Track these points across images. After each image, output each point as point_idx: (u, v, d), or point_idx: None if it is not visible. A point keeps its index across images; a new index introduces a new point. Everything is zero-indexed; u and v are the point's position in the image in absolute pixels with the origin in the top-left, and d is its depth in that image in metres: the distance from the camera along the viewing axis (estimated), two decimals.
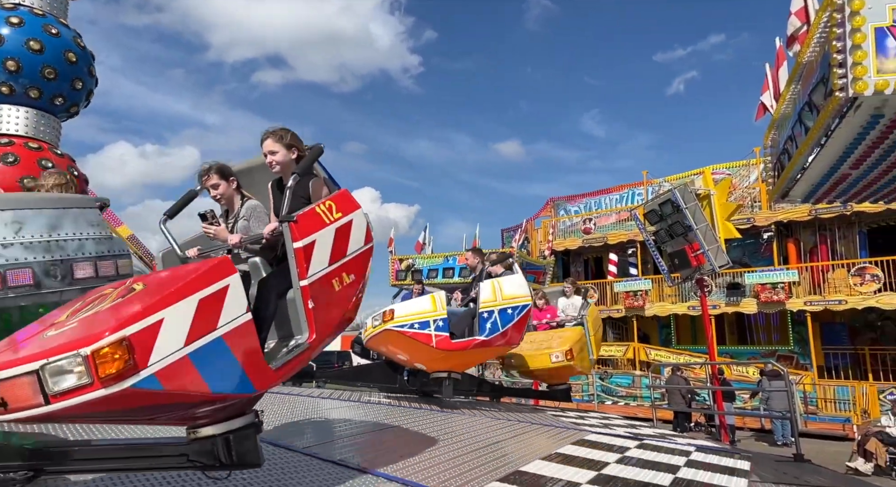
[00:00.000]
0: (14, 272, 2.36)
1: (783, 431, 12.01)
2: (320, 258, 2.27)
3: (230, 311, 1.87)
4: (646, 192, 20.32)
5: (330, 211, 2.38)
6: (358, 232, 2.45)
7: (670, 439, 4.69)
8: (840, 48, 3.87)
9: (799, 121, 5.01)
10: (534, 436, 4.22)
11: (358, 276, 2.43)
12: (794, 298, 15.95)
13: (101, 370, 1.55)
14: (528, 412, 6.05)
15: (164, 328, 1.69)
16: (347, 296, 2.38)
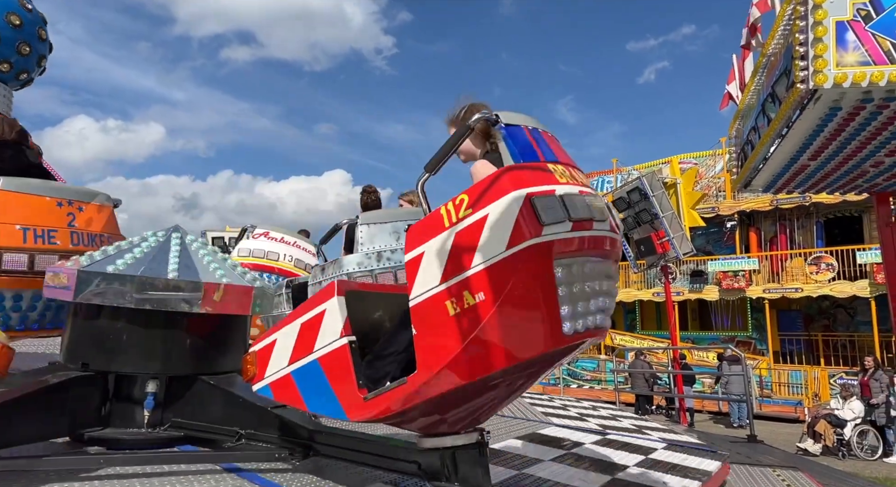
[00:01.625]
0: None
1: (739, 413, 12.46)
2: (429, 274, 1.70)
3: (326, 335, 1.92)
4: (615, 180, 20.59)
5: (458, 208, 1.69)
6: (497, 232, 1.60)
7: (636, 435, 4.64)
8: (802, 41, 3.95)
9: (762, 113, 5.12)
10: (499, 423, 4.26)
11: (491, 295, 1.59)
12: (754, 286, 16.46)
13: (245, 373, 2.13)
14: None
15: (276, 347, 2.04)
16: (471, 323, 1.62)
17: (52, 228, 2.81)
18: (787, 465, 4.42)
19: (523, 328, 1.61)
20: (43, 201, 2.82)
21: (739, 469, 3.87)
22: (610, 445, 3.78)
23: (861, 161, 5.20)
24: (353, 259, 3.72)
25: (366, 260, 3.68)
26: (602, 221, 1.73)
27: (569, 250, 1.63)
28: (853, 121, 4.36)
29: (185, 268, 2.39)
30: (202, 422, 2.38)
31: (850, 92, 3.90)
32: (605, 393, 15.64)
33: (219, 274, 2.44)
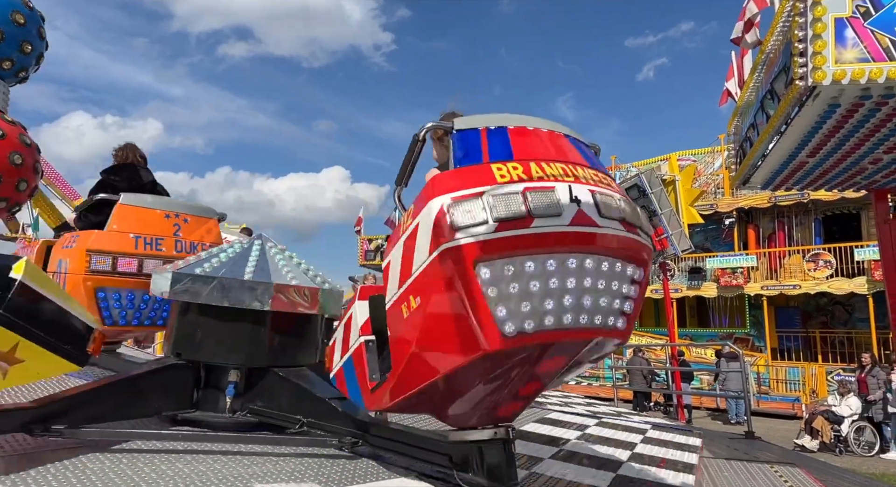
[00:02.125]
0: None
1: (737, 410, 12.50)
2: (393, 280, 1.84)
3: (354, 334, 2.24)
4: (615, 177, 20.59)
5: (406, 218, 1.82)
6: (422, 239, 1.67)
7: (627, 417, 4.81)
8: (801, 37, 3.95)
9: (761, 109, 5.12)
10: None
11: (422, 300, 1.69)
12: (753, 283, 16.49)
13: (327, 365, 2.50)
14: None
15: (336, 343, 2.41)
16: (412, 326, 1.74)
17: (160, 237, 3.37)
18: (785, 461, 4.43)
19: (454, 330, 1.63)
20: (154, 213, 3.40)
21: (737, 466, 3.89)
22: (603, 434, 3.87)
23: (860, 158, 5.21)
24: None
25: None
26: (557, 216, 1.62)
27: (498, 250, 1.57)
28: (852, 117, 4.37)
29: (260, 271, 2.67)
30: (273, 410, 2.67)
31: (848, 88, 3.91)
32: (603, 389, 15.67)
33: (290, 277, 2.69)
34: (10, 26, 5.60)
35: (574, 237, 1.64)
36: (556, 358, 1.84)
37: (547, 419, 4.28)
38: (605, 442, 3.63)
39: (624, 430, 4.10)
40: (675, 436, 4.00)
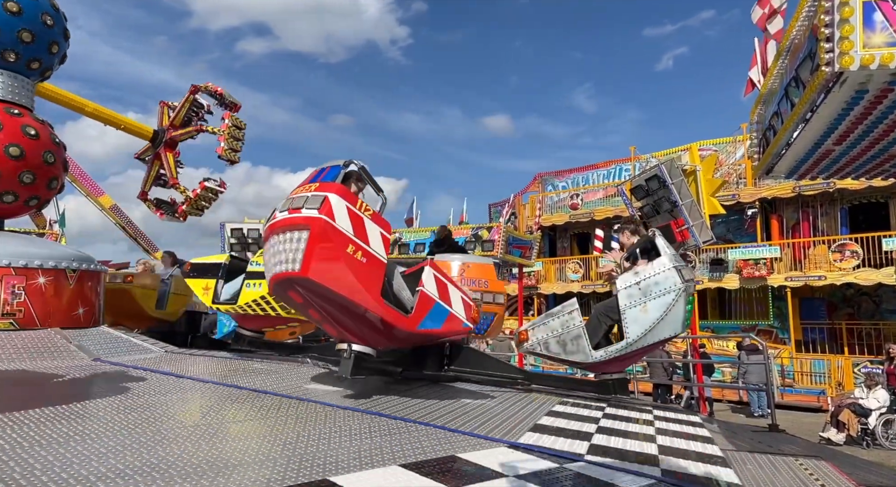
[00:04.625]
0: None
1: (759, 403, 12.34)
2: None
3: None
4: (633, 168, 20.35)
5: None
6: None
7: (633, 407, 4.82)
8: (828, 22, 3.84)
9: (785, 97, 5.01)
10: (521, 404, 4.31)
11: None
12: (776, 274, 16.21)
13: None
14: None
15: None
16: None
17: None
18: (810, 454, 4.37)
19: None
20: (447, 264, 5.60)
21: (761, 459, 3.84)
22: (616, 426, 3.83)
23: (889, 144, 5.07)
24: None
25: None
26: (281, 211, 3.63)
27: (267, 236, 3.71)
28: (881, 103, 4.25)
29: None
30: (465, 368, 4.87)
31: (877, 74, 3.80)
32: None
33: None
34: (40, 28, 5.72)
35: (269, 227, 3.66)
36: (290, 292, 3.68)
37: (553, 412, 4.27)
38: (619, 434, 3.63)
39: (632, 421, 4.10)
40: (684, 428, 3.96)
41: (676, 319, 4.61)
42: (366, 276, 3.46)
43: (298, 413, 3.26)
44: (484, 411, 3.90)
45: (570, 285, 20.14)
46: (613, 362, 4.80)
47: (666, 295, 4.50)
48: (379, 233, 3.62)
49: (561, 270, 20.93)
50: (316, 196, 3.34)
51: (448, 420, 3.38)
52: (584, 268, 20.23)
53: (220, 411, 3.29)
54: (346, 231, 3.40)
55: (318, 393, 3.95)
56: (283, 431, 2.81)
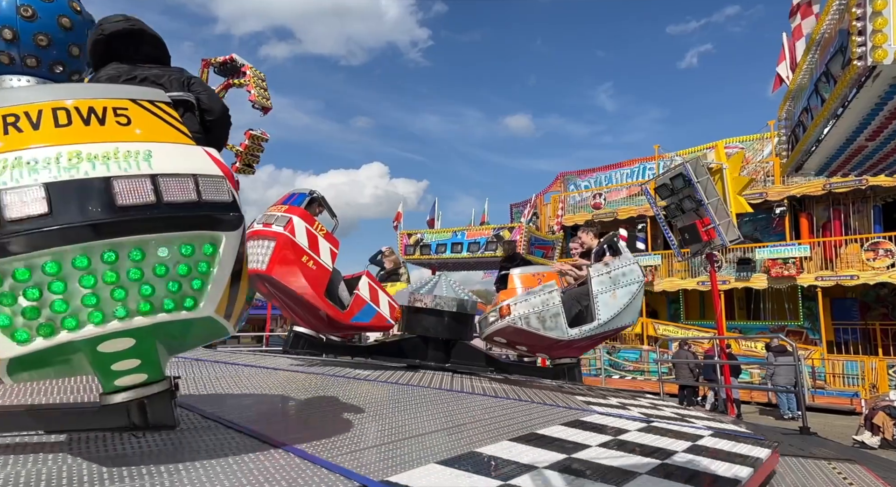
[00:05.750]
0: None
1: (789, 405, 12.08)
2: None
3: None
4: (657, 167, 20.11)
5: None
6: None
7: (681, 423, 4.60)
8: (860, 15, 3.76)
9: (815, 93, 4.91)
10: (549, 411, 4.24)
11: None
12: (806, 273, 15.84)
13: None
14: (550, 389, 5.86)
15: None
16: None
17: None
18: (844, 458, 4.26)
19: None
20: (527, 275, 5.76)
21: (792, 462, 3.76)
22: (654, 432, 3.63)
23: None
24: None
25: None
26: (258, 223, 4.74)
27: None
28: None
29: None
30: (460, 360, 5.99)
31: None
32: (648, 383, 15.40)
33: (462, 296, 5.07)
34: (56, 31, 5.84)
35: (249, 233, 4.29)
36: (259, 284, 4.62)
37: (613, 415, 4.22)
38: (643, 451, 3.25)
39: (674, 437, 3.50)
40: (736, 445, 3.54)
41: (636, 309, 5.40)
42: (314, 279, 4.67)
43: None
44: (430, 429, 2.81)
45: None
46: (573, 347, 5.44)
47: (631, 284, 5.26)
48: (329, 248, 4.80)
49: None
50: (284, 216, 4.62)
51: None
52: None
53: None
54: (302, 245, 4.62)
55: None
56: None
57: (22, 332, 1.41)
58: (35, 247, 1.37)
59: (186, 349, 1.96)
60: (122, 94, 1.65)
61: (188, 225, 1.55)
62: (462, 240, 19.30)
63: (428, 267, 19.76)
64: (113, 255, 1.44)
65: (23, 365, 1.50)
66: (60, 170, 1.42)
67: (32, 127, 1.48)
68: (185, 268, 1.56)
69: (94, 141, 1.50)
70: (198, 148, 1.69)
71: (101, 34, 2.36)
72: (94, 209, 1.42)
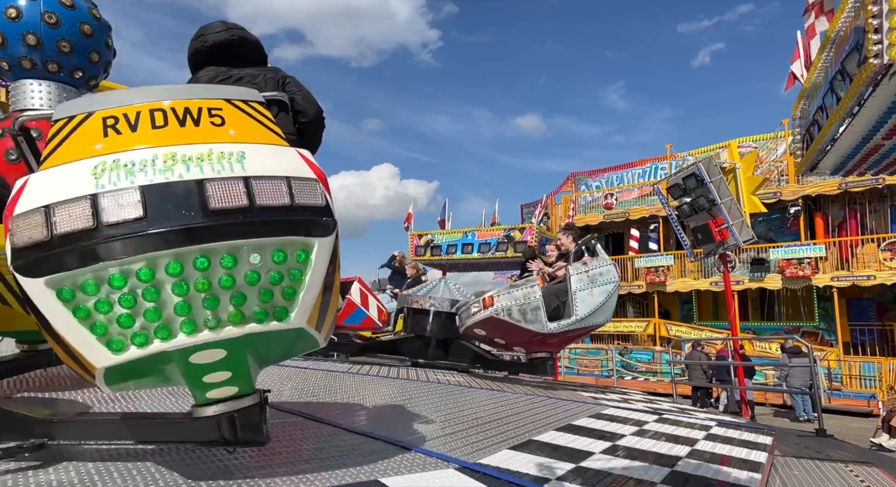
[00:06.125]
0: None
1: (804, 407, 11.94)
2: None
3: None
4: (669, 167, 19.97)
5: None
6: None
7: (690, 413, 4.71)
8: (876, 13, 3.71)
9: (830, 91, 4.85)
10: (553, 408, 4.27)
11: None
12: (821, 274, 15.65)
13: None
14: (546, 387, 6.11)
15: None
16: None
17: None
18: (861, 460, 4.21)
19: None
20: None
21: (808, 464, 3.72)
22: (668, 422, 3.77)
23: None
24: None
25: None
26: None
27: None
28: None
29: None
30: (457, 358, 6.15)
31: None
32: (660, 385, 15.30)
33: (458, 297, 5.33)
34: (78, 37, 5.94)
35: None
36: None
37: (603, 414, 4.22)
38: (664, 438, 3.56)
39: (686, 427, 4.02)
40: (743, 434, 3.90)
41: (610, 308, 5.57)
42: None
43: None
44: (471, 423, 3.22)
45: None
46: (549, 343, 5.66)
47: (607, 284, 5.48)
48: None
49: None
50: None
51: (406, 431, 2.82)
52: (619, 269, 19.94)
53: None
54: None
55: None
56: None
57: (117, 341, 1.39)
58: (130, 253, 1.34)
59: (275, 362, 1.89)
60: (216, 95, 1.60)
61: (281, 230, 1.48)
62: (473, 241, 19.29)
63: (438, 268, 19.77)
64: (205, 262, 1.40)
65: (120, 375, 1.47)
66: (156, 173, 1.39)
67: (130, 128, 1.46)
68: (277, 276, 1.49)
69: (189, 142, 1.46)
70: (291, 149, 1.63)
71: (203, 44, 2.37)
72: (188, 213, 1.37)
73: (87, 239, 1.32)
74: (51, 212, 1.34)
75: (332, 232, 1.60)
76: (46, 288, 1.35)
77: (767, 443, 3.69)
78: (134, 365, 1.41)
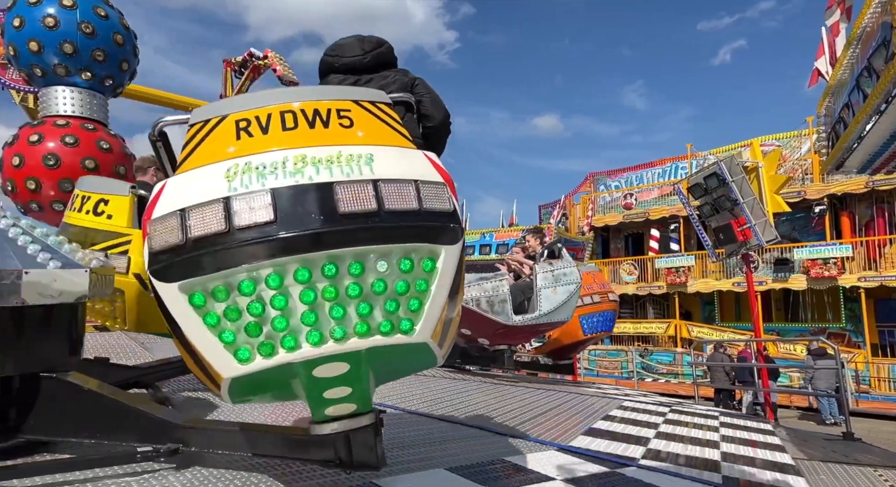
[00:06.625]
0: None
1: (830, 410, 11.70)
2: None
3: None
4: (690, 166, 19.73)
5: None
6: None
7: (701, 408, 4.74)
8: None
9: (856, 88, 4.77)
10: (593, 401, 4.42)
11: None
12: (847, 274, 15.33)
13: None
14: (572, 385, 6.30)
15: None
16: None
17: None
18: (890, 465, 4.12)
19: None
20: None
21: (835, 468, 3.66)
22: (684, 413, 4.48)
23: None
24: None
25: None
26: None
27: None
28: None
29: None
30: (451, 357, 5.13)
31: None
32: (682, 386, 15.12)
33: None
34: (111, 47, 6.11)
35: None
36: None
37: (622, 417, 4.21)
38: (691, 426, 3.98)
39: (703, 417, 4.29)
40: (755, 435, 3.89)
41: (571, 307, 5.87)
42: None
43: None
44: (536, 414, 3.95)
45: (625, 287, 19.71)
46: (512, 335, 5.91)
47: (570, 284, 5.76)
48: None
49: (615, 272, 20.51)
50: None
51: (497, 423, 3.47)
52: (639, 270, 19.74)
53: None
54: None
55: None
56: None
57: (244, 350, 1.36)
58: (260, 257, 1.31)
59: (391, 379, 1.81)
60: (344, 96, 1.57)
61: (408, 236, 1.42)
62: (490, 242, 19.29)
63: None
64: (333, 269, 1.35)
65: (243, 387, 1.44)
66: (286, 175, 1.36)
67: (262, 131, 1.44)
68: (404, 286, 1.43)
69: (318, 144, 1.43)
70: (418, 151, 1.57)
71: (338, 63, 2.36)
72: (317, 217, 1.33)
73: (220, 243, 1.31)
74: (186, 216, 1.33)
75: (460, 240, 1.53)
76: (180, 293, 1.34)
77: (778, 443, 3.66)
78: (258, 376, 1.38)
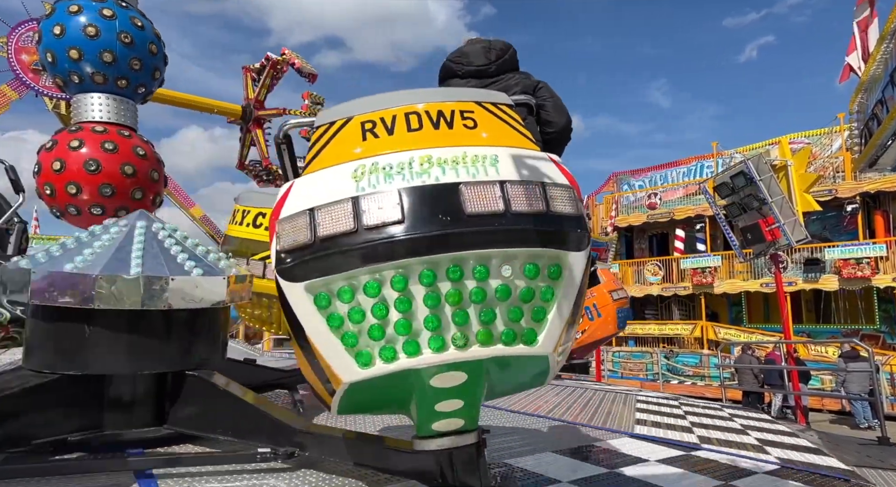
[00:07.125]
0: None
1: (864, 413, 11.39)
2: None
3: None
4: (715, 165, 19.40)
5: None
6: None
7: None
8: None
9: (891, 84, 4.65)
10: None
11: None
12: (882, 274, 14.90)
13: None
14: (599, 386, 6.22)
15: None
16: None
17: None
18: None
19: None
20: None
21: (870, 474, 3.57)
22: (698, 407, 5.01)
23: None
24: None
25: None
26: None
27: None
28: None
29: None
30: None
31: None
32: (708, 389, 14.86)
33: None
34: (146, 56, 6.28)
35: None
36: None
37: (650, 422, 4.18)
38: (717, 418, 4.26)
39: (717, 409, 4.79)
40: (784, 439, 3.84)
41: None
42: None
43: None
44: (592, 408, 4.45)
45: (650, 288, 19.46)
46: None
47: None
48: None
49: (639, 272, 20.27)
50: None
51: (573, 416, 4.08)
52: (664, 270, 19.47)
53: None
54: None
55: None
56: None
57: (365, 354, 1.33)
58: (386, 258, 1.29)
59: (497, 396, 1.72)
60: (467, 97, 1.56)
61: (534, 240, 1.36)
62: None
63: None
64: (458, 271, 1.31)
65: (358, 394, 1.40)
66: (413, 176, 1.35)
67: (387, 132, 1.44)
68: (528, 294, 1.37)
69: (443, 145, 1.42)
70: (543, 153, 1.54)
71: (461, 71, 2.38)
72: (444, 217, 1.30)
73: (347, 242, 1.30)
74: (314, 215, 1.33)
75: (586, 246, 1.46)
76: (305, 293, 1.34)
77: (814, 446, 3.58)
78: (376, 383, 1.35)
